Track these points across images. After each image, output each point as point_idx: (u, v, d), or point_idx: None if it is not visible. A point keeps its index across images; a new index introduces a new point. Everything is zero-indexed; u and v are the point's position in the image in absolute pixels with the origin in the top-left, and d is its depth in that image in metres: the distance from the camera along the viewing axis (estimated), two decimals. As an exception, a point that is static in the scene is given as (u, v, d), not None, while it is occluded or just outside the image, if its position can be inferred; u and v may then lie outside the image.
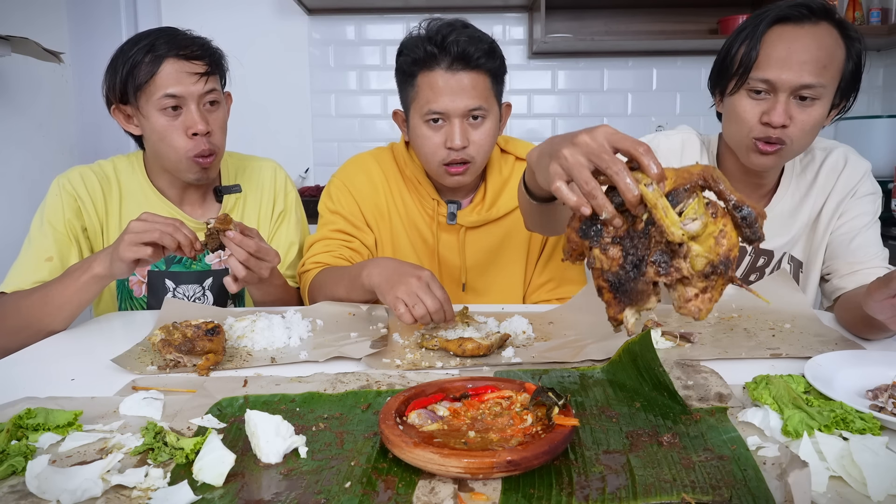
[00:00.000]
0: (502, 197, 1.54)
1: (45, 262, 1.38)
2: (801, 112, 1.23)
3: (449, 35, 1.36)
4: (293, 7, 3.19)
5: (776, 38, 1.23)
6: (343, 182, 1.56)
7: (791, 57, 1.20)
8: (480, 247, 1.55)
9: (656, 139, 1.46)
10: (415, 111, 1.42)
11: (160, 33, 1.39)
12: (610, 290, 0.71)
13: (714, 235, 0.69)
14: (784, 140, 1.24)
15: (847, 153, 1.43)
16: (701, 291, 0.68)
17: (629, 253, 0.72)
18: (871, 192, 1.40)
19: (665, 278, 0.70)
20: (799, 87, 1.21)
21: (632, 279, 0.71)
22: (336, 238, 1.52)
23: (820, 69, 1.20)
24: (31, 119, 2.43)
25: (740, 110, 1.27)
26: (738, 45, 1.27)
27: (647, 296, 0.71)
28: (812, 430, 0.74)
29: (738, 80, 1.26)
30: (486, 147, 1.44)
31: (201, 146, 1.39)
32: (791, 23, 1.23)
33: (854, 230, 1.37)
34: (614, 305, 0.70)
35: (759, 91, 1.24)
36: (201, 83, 1.37)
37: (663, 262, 0.70)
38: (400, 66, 1.44)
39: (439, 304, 1.13)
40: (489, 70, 1.40)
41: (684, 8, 3.16)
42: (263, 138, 3.21)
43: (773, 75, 1.21)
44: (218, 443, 0.69)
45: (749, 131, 1.27)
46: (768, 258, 1.45)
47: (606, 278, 0.72)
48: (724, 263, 0.69)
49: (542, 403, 0.75)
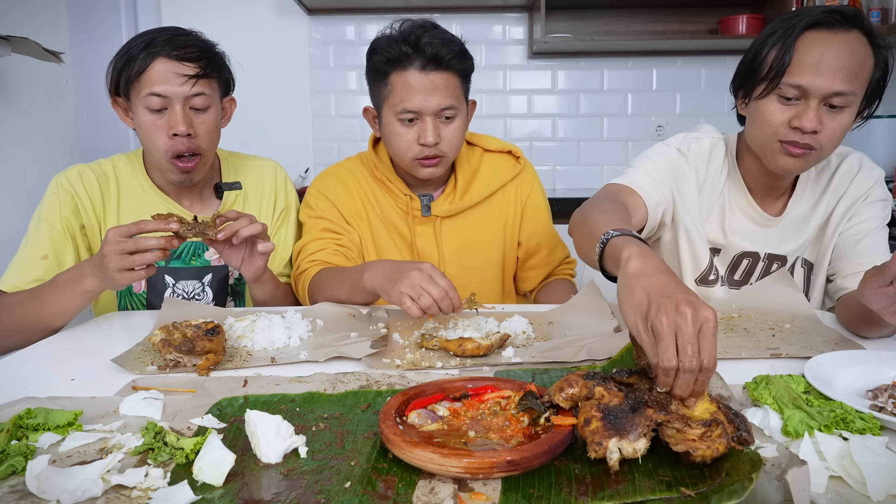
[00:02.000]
0: (473, 185, 1.59)
1: (40, 260, 1.38)
2: (831, 119, 1.23)
3: (422, 37, 1.40)
4: (293, 7, 3.19)
5: (809, 43, 1.22)
6: (319, 191, 1.60)
7: (824, 63, 1.20)
8: (456, 237, 1.59)
9: (686, 140, 1.44)
10: (388, 108, 1.47)
11: (163, 31, 1.39)
12: (601, 420, 0.69)
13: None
14: (813, 146, 1.24)
15: (862, 159, 1.43)
16: (699, 437, 0.67)
17: (629, 397, 0.73)
18: (883, 199, 1.41)
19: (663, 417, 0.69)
20: (831, 94, 1.21)
21: (628, 415, 0.70)
22: (326, 237, 1.54)
23: (851, 77, 1.20)
24: (31, 119, 2.43)
25: (768, 114, 1.26)
26: (769, 48, 1.25)
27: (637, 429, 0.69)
28: (812, 430, 0.74)
29: (769, 84, 1.25)
30: (457, 143, 1.49)
31: (179, 147, 1.39)
32: (824, 29, 1.22)
33: (862, 233, 1.37)
34: (601, 432, 0.68)
35: (790, 97, 1.24)
36: (188, 85, 1.37)
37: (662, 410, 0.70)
38: (373, 65, 1.49)
39: (444, 292, 1.14)
40: (459, 71, 1.45)
41: (684, 8, 3.16)
42: (263, 138, 3.20)
43: (806, 81, 1.21)
44: (218, 443, 0.69)
45: (776, 135, 1.26)
46: (782, 263, 1.44)
47: (600, 408, 0.71)
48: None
49: (529, 408, 0.76)
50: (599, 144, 3.35)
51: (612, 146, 3.33)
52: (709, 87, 3.28)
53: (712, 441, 0.65)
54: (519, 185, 1.63)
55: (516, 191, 1.63)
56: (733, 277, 1.46)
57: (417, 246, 1.57)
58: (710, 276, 1.46)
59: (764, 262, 1.44)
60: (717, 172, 1.42)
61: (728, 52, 3.21)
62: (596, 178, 3.32)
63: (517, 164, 1.64)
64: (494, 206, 1.61)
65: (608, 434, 0.67)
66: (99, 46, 2.78)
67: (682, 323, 0.73)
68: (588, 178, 3.27)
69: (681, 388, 0.73)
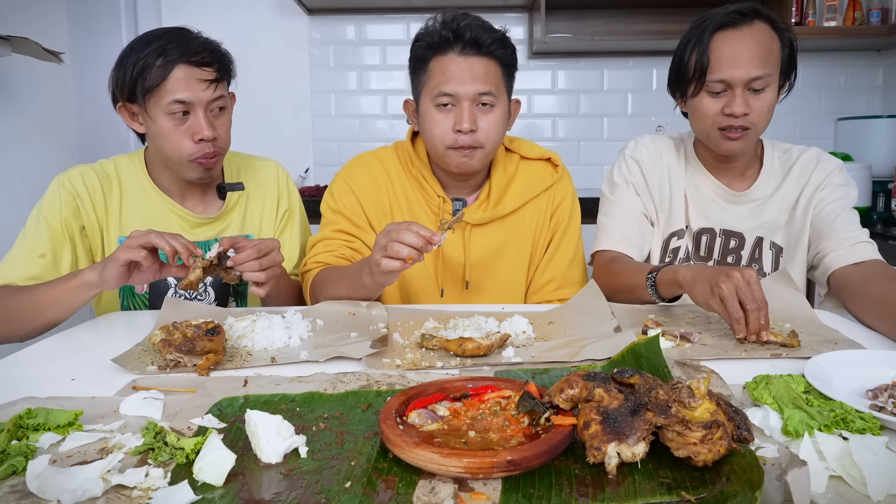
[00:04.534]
0: (507, 194, 1.55)
1: (38, 259, 1.38)
2: (757, 100, 1.41)
3: (463, 21, 1.40)
4: (293, 7, 3.19)
5: (721, 43, 1.40)
6: (346, 181, 1.56)
7: (737, 56, 1.39)
8: (484, 244, 1.55)
9: (637, 148, 1.60)
10: (425, 95, 1.44)
11: (171, 35, 1.39)
12: (600, 423, 0.69)
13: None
14: (747, 125, 1.42)
15: (819, 153, 1.57)
16: (700, 440, 0.67)
17: (628, 399, 0.73)
18: (845, 184, 1.53)
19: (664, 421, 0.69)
20: (750, 80, 1.39)
21: (627, 418, 0.69)
22: (337, 238, 1.52)
23: (763, 61, 1.39)
24: (31, 119, 2.43)
25: (703, 109, 1.45)
26: (689, 54, 1.45)
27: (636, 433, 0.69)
28: (812, 429, 0.74)
29: (697, 83, 1.44)
30: (495, 135, 1.45)
31: (206, 150, 1.41)
32: (730, 27, 1.40)
33: (834, 212, 1.48)
34: (600, 436, 0.68)
35: (717, 91, 1.42)
36: (210, 90, 1.38)
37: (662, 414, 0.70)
38: (414, 53, 1.47)
39: (418, 235, 1.13)
40: (500, 58, 1.43)
41: (684, 8, 3.16)
42: (263, 138, 3.21)
43: (727, 75, 1.40)
44: (218, 443, 0.69)
45: (714, 124, 1.44)
46: (739, 241, 1.55)
47: (600, 411, 0.71)
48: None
49: (530, 409, 0.76)
50: (599, 144, 3.35)
51: (612, 146, 3.33)
52: (709, 87, 3.28)
53: (713, 444, 0.65)
54: (551, 196, 1.59)
55: (548, 200, 1.58)
56: (699, 254, 1.58)
57: (444, 248, 1.54)
58: (681, 256, 1.59)
59: (721, 237, 1.56)
60: (674, 164, 1.59)
61: (728, 52, 3.20)
62: (596, 178, 3.32)
63: (554, 173, 1.59)
64: (527, 214, 1.57)
65: (607, 438, 0.67)
66: (99, 46, 2.79)
67: (736, 283, 1.10)
68: (588, 178, 3.27)
69: (753, 325, 1.07)
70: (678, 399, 0.70)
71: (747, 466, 0.64)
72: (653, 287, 1.32)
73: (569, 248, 1.60)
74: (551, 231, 1.59)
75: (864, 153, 2.93)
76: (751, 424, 0.71)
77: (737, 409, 0.71)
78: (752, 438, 0.68)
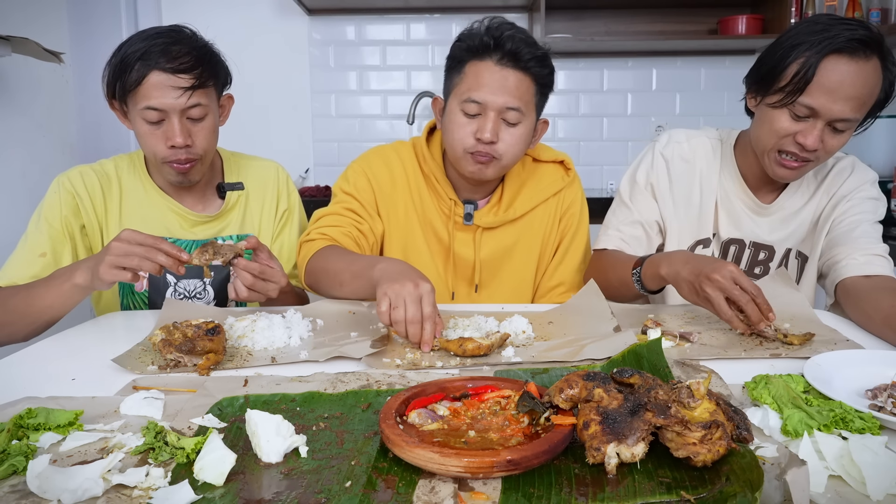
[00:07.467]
0: (519, 198, 1.55)
1: (38, 258, 1.39)
2: (832, 138, 1.31)
3: (507, 31, 1.38)
4: (293, 7, 3.19)
5: (831, 69, 1.25)
6: (363, 168, 1.55)
7: (840, 91, 1.25)
8: (494, 247, 1.55)
9: (670, 145, 1.52)
10: (455, 96, 1.43)
11: (158, 37, 1.36)
12: (600, 424, 0.69)
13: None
14: (811, 159, 1.33)
15: (855, 162, 1.50)
16: (700, 440, 0.67)
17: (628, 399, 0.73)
18: (875, 197, 1.46)
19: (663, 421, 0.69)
20: (840, 119, 1.28)
21: (627, 418, 0.69)
22: (347, 216, 1.50)
23: (860, 106, 1.27)
24: (31, 119, 2.43)
25: (777, 126, 1.33)
26: (792, 61, 1.29)
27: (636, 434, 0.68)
28: (811, 429, 0.74)
29: (785, 98, 1.30)
30: (515, 150, 1.42)
31: (178, 156, 1.39)
32: (846, 55, 1.25)
33: (856, 223, 1.42)
34: (600, 437, 0.68)
35: (801, 116, 1.30)
36: (185, 97, 1.35)
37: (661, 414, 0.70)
38: (453, 52, 1.45)
39: (419, 319, 1.07)
40: (536, 75, 1.40)
41: (684, 8, 3.16)
42: (263, 138, 3.21)
43: (820, 105, 1.27)
44: (219, 442, 0.69)
45: (778, 145, 1.34)
46: (769, 253, 1.49)
47: (599, 412, 0.71)
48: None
49: (530, 409, 0.76)
50: (599, 144, 3.35)
51: (611, 146, 3.33)
52: (708, 87, 3.29)
53: (713, 444, 0.65)
54: (561, 199, 1.58)
55: (557, 204, 1.58)
56: None
57: (455, 250, 1.54)
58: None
59: (750, 249, 1.50)
60: (707, 169, 1.51)
61: (728, 52, 3.21)
62: (596, 178, 3.33)
63: (565, 177, 1.59)
64: (536, 217, 1.57)
65: (606, 439, 0.67)
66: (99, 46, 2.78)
67: (720, 285, 1.09)
68: (588, 178, 3.27)
69: (753, 316, 1.08)
70: (677, 399, 0.70)
71: (747, 466, 0.64)
72: (639, 282, 1.31)
73: (578, 252, 1.60)
74: (560, 235, 1.60)
75: (863, 153, 2.91)
76: (750, 424, 0.71)
77: (736, 408, 0.71)
78: (751, 438, 0.69)
